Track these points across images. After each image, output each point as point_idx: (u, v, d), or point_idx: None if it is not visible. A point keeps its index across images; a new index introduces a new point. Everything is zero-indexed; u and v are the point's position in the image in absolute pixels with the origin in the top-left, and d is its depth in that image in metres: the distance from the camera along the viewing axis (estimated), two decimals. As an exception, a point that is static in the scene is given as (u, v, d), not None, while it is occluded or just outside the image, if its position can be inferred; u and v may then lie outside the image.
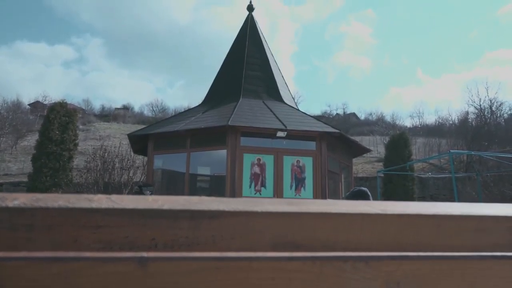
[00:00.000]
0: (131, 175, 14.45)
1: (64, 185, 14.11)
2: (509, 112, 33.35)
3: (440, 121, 43.42)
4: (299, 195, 10.40)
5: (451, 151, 12.70)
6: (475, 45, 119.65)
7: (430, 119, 63.34)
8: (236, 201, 0.52)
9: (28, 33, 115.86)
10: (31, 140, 27.98)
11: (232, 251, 0.51)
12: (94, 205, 0.48)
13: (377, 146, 30.92)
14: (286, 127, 10.33)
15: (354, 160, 14.89)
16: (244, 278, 0.49)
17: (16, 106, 37.85)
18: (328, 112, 63.92)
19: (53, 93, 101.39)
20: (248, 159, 10.31)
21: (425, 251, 0.54)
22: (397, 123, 44.45)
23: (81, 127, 33.19)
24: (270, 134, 10.44)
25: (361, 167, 25.00)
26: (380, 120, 46.95)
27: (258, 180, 10.25)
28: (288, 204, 0.52)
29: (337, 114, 64.02)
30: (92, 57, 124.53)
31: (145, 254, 0.49)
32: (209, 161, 11.71)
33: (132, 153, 14.32)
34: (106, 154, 14.42)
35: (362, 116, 63.42)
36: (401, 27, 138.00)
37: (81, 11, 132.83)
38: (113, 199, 0.49)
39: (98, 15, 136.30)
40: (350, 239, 0.52)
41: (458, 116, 35.27)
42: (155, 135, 11.29)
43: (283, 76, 14.53)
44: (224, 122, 10.19)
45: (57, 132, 14.45)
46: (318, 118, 22.54)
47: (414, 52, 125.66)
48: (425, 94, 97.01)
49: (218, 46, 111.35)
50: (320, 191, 10.45)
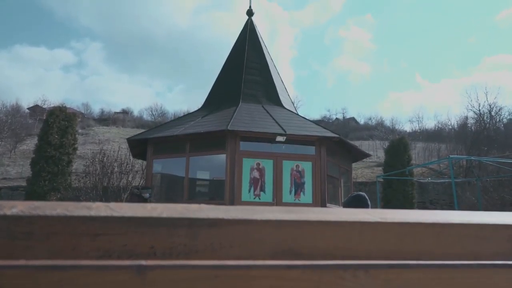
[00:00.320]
0: (130, 179, 14.43)
1: (62, 189, 14.08)
2: (508, 117, 33.45)
3: (440, 126, 43.58)
4: (299, 200, 10.38)
5: (451, 156, 12.70)
6: (474, 50, 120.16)
7: (430, 124, 63.54)
8: (235, 209, 0.52)
9: (27, 37, 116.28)
10: (30, 144, 27.99)
11: (231, 259, 0.51)
12: (93, 213, 0.47)
13: (376, 150, 30.94)
14: (285, 131, 10.33)
15: (354, 165, 14.89)
16: (243, 286, 0.49)
17: (16, 110, 37.89)
18: (328, 116, 64.09)
19: (53, 97, 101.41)
20: (248, 164, 10.30)
21: (425, 259, 0.54)
22: (396, 127, 44.57)
23: (80, 131, 33.19)
24: (269, 138, 10.45)
25: (361, 171, 25.01)
26: (380, 125, 47.04)
27: (257, 184, 10.24)
28: (288, 212, 0.52)
29: (336, 118, 64.15)
30: (92, 61, 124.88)
31: (143, 262, 0.49)
32: (209, 166, 11.70)
33: (131, 157, 14.30)
34: (105, 159, 14.41)
35: (361, 120, 63.56)
36: (400, 32, 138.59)
37: (80, 15, 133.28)
38: (112, 207, 0.49)
39: (97, 20, 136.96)
40: (350, 247, 0.52)
41: (457, 121, 35.38)
42: (154, 139, 11.28)
43: (282, 81, 14.55)
44: (224, 126, 10.19)
45: (56, 136, 14.43)
46: (317, 122, 22.55)
47: (413, 57, 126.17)
48: (424, 99, 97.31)
49: (217, 50, 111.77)
50: (319, 196, 10.43)
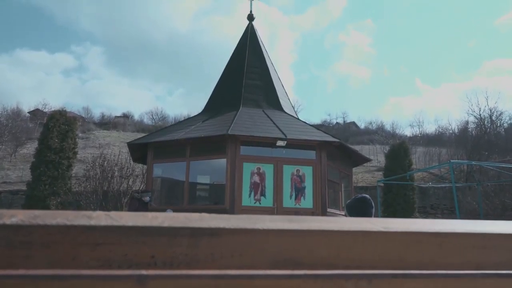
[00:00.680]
0: (130, 183, 14.42)
1: (63, 193, 14.06)
2: (509, 122, 33.46)
3: (440, 130, 43.56)
4: (299, 205, 10.36)
5: (452, 161, 12.69)
6: (473, 55, 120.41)
7: (430, 128, 63.51)
8: (236, 218, 0.51)
9: (28, 41, 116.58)
10: (31, 148, 28.01)
11: (232, 269, 0.50)
12: (93, 222, 0.47)
13: (377, 155, 30.93)
14: (286, 136, 10.34)
15: (354, 169, 14.87)
16: (244, 296, 0.48)
17: (16, 114, 37.93)
18: (328, 121, 64.10)
19: (53, 101, 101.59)
20: (248, 168, 10.29)
21: (429, 269, 0.53)
22: (397, 132, 44.56)
23: (80, 135, 33.22)
24: (270, 143, 10.45)
25: (361, 176, 24.99)
26: (380, 129, 47.03)
27: (257, 189, 10.22)
28: (289, 221, 0.52)
29: (337, 123, 64.16)
30: (92, 65, 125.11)
31: (144, 272, 0.49)
32: (209, 170, 11.70)
33: (132, 162, 14.30)
34: (105, 163, 14.40)
35: (362, 125, 63.57)
36: (399, 36, 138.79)
37: (81, 20, 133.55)
38: (112, 216, 0.49)
39: (98, 24, 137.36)
40: (352, 257, 0.52)
41: (458, 126, 35.38)
42: (154, 143, 11.28)
43: (283, 85, 14.57)
44: (224, 131, 10.19)
45: (56, 141, 14.43)
46: (318, 127, 22.56)
47: (413, 61, 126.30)
48: (425, 103, 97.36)
49: (217, 54, 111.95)
50: (320, 201, 10.42)
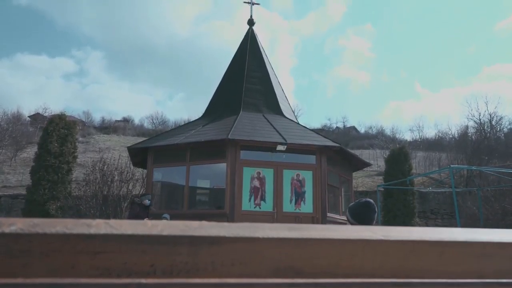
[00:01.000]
0: (130, 188, 14.39)
1: (62, 198, 14.03)
2: (509, 127, 33.48)
3: (440, 135, 43.54)
4: (299, 209, 10.34)
5: (452, 166, 12.68)
6: (473, 60, 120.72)
7: (430, 133, 63.51)
8: (237, 226, 0.51)
9: (29, 45, 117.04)
10: (31, 152, 27.99)
11: (232, 278, 0.50)
12: (92, 230, 0.47)
13: (377, 159, 30.93)
14: (286, 141, 10.34)
15: (354, 174, 14.86)
16: (244, 305, 0.48)
17: (16, 118, 37.97)
18: (328, 125, 64.16)
19: (54, 105, 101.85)
20: (248, 173, 10.29)
21: (429, 277, 0.53)
22: (397, 136, 44.52)
23: (80, 139, 33.22)
24: (270, 147, 10.45)
25: (361, 181, 24.96)
26: (380, 134, 47.03)
27: (257, 193, 10.21)
28: (289, 230, 0.52)
29: (337, 127, 64.22)
30: (93, 69, 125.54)
31: (143, 281, 0.48)
32: (209, 174, 11.68)
33: (132, 166, 14.28)
34: (105, 167, 14.38)
35: (362, 129, 63.64)
36: (399, 41, 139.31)
37: (81, 24, 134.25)
38: (112, 224, 0.48)
39: (98, 28, 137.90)
40: (352, 266, 0.52)
41: (458, 130, 35.36)
42: (154, 148, 11.28)
43: (283, 90, 14.60)
44: (224, 135, 10.20)
45: (55, 145, 14.41)
46: (318, 131, 22.57)
47: (412, 66, 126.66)
48: (425, 108, 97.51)
49: (217, 59, 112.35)
50: (320, 205, 10.40)
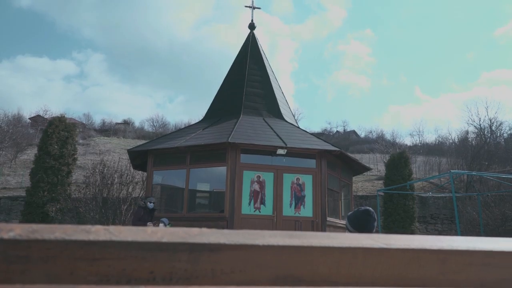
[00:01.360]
0: (130, 190, 14.35)
1: (62, 200, 14.00)
2: (509, 132, 33.50)
3: (440, 140, 43.58)
4: (299, 213, 10.33)
5: (452, 171, 12.67)
6: (472, 66, 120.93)
7: (430, 137, 63.49)
8: (237, 233, 0.51)
9: (30, 47, 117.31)
10: (31, 154, 27.98)
11: (232, 285, 0.50)
12: (92, 237, 0.47)
13: (377, 164, 30.90)
14: (286, 144, 10.33)
15: (354, 178, 14.85)
16: (244, 313, 0.48)
17: (17, 120, 38.00)
18: (329, 129, 64.27)
19: (54, 107, 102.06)
20: (248, 176, 10.28)
21: (430, 286, 0.53)
22: (397, 141, 44.53)
23: (81, 141, 33.23)
24: (270, 151, 10.44)
25: (361, 185, 24.94)
26: (380, 138, 47.03)
27: (257, 197, 10.19)
28: (290, 237, 0.51)
29: (337, 131, 64.30)
30: (93, 72, 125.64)
31: (143, 287, 0.48)
32: (209, 177, 11.67)
33: (132, 169, 14.27)
34: (105, 169, 14.35)
35: (362, 134, 63.69)
36: (399, 46, 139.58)
37: (82, 27, 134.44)
38: (111, 230, 0.48)
39: (99, 31, 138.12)
40: (353, 274, 0.51)
41: (458, 135, 35.38)
42: (155, 151, 11.28)
43: (283, 94, 14.61)
44: (224, 139, 10.19)
45: (55, 147, 14.40)
46: (318, 135, 22.57)
47: (412, 71, 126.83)
48: (425, 112, 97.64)
49: (218, 62, 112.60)
50: (319, 210, 10.38)
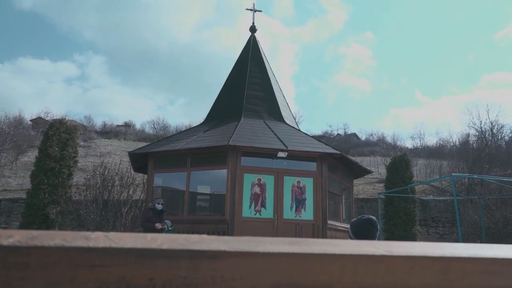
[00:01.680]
0: (130, 193, 14.35)
1: (62, 202, 14.00)
2: (510, 135, 33.47)
3: (441, 142, 43.56)
4: (299, 216, 10.31)
5: (453, 174, 12.65)
6: (473, 68, 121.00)
7: (431, 140, 63.53)
8: (237, 240, 0.51)
9: (31, 50, 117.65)
10: (32, 156, 28.01)
11: (232, 292, 0.49)
12: (91, 243, 0.46)
13: (378, 167, 30.89)
14: (287, 147, 10.33)
15: (355, 181, 14.83)
16: (244, 321, 0.47)
17: (18, 122, 38.06)
18: (329, 132, 64.25)
19: (55, 109, 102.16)
20: (249, 179, 10.27)
21: (432, 294, 0.52)
22: (398, 144, 44.47)
23: (82, 143, 33.25)
24: (270, 154, 10.44)
25: (362, 188, 24.92)
26: (381, 141, 47.01)
27: (258, 200, 10.18)
28: (290, 244, 0.51)
29: (338, 134, 64.27)
30: (94, 74, 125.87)
31: (142, 295, 0.47)
32: (209, 180, 11.66)
33: (132, 171, 14.27)
34: (106, 172, 14.35)
35: (363, 136, 63.64)
36: (399, 49, 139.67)
37: (83, 29, 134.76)
38: (111, 237, 0.48)
39: (100, 33, 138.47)
40: (354, 281, 0.51)
41: (459, 138, 35.36)
42: (155, 153, 11.28)
43: (284, 96, 14.62)
44: (225, 141, 10.20)
45: (56, 149, 14.40)
46: (319, 138, 22.55)
47: (412, 73, 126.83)
48: (425, 115, 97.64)
49: (219, 65, 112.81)
50: (320, 212, 10.37)
